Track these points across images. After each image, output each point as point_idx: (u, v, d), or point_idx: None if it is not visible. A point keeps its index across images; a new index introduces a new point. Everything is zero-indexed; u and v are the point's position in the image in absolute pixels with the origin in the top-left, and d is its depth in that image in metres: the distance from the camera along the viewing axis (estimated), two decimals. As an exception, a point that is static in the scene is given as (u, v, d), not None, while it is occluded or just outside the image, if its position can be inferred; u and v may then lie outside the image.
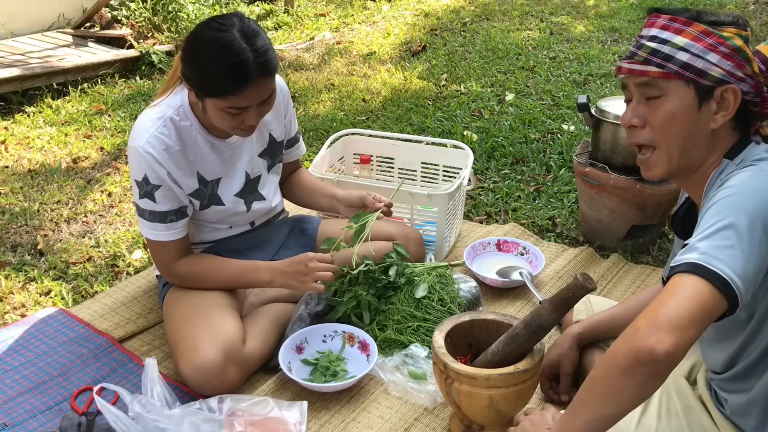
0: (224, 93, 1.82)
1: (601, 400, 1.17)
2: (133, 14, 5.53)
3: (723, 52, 1.30)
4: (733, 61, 1.30)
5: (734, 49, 1.30)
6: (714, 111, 1.33)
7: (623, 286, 2.45)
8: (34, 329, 2.25)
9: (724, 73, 1.30)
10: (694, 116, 1.34)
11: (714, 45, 1.30)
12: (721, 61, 1.30)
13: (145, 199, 1.98)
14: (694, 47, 1.31)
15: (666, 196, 2.51)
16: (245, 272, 2.08)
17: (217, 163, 2.08)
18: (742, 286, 1.13)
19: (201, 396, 1.90)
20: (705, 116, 1.33)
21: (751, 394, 1.34)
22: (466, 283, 2.25)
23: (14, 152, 3.63)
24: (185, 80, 1.89)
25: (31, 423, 1.88)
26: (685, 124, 1.35)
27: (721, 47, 1.30)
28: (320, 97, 4.38)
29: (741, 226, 1.16)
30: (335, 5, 6.48)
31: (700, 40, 1.31)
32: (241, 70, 1.80)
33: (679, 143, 1.36)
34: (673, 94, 1.34)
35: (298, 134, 2.35)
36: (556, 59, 4.90)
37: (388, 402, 1.96)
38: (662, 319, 1.10)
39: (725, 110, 1.33)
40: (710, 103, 1.33)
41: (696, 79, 1.31)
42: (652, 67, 1.34)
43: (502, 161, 3.44)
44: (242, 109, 1.87)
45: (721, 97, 1.32)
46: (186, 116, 1.99)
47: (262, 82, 1.85)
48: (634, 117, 1.40)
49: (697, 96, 1.33)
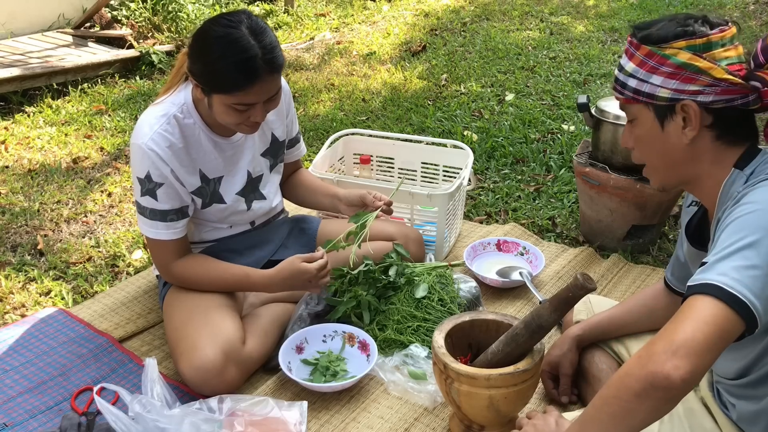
0: (232, 89, 1.83)
1: (612, 420, 1.15)
2: (133, 14, 5.53)
3: (666, 72, 1.30)
4: (677, 79, 1.29)
5: (678, 66, 1.29)
6: (682, 126, 1.32)
7: (623, 286, 2.45)
8: (34, 329, 2.25)
9: (671, 92, 1.30)
10: (661, 136, 1.35)
11: (655, 67, 1.31)
12: (665, 81, 1.31)
13: (146, 197, 1.98)
14: (639, 72, 1.34)
15: (666, 196, 2.51)
16: (238, 282, 2.07)
17: (220, 161, 2.08)
18: (761, 307, 1.10)
19: (201, 396, 1.90)
20: (673, 134, 1.34)
21: (763, 403, 1.32)
22: (466, 283, 2.25)
23: (14, 152, 3.63)
24: (192, 76, 1.90)
25: (31, 423, 1.88)
26: (655, 144, 1.37)
27: (663, 67, 1.30)
28: (320, 97, 4.38)
29: (762, 245, 1.14)
30: (335, 5, 6.48)
31: (643, 64, 1.33)
32: (249, 66, 1.81)
33: (658, 161, 1.40)
34: (640, 117, 1.38)
35: (299, 134, 2.36)
36: (556, 59, 4.90)
37: (388, 402, 1.96)
38: (678, 343, 1.08)
39: (690, 124, 1.31)
40: (675, 120, 1.33)
41: (649, 101, 1.34)
42: (618, 95, 1.40)
43: (502, 161, 3.44)
44: (249, 106, 1.87)
45: (682, 110, 1.31)
46: (189, 114, 2.00)
47: (270, 79, 1.86)
48: (627, 139, 1.45)
49: (657, 117, 1.35)
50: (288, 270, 2.03)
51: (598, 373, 1.82)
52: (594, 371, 1.83)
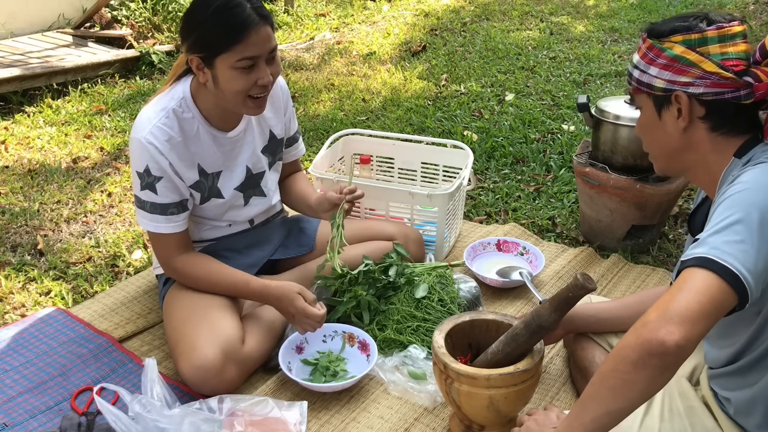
0: (230, 42, 1.85)
1: (611, 393, 1.17)
2: (133, 14, 5.53)
3: (661, 64, 1.38)
4: (670, 70, 1.37)
5: (671, 59, 1.36)
6: (676, 116, 1.39)
7: (623, 286, 2.45)
8: (34, 329, 2.25)
9: (665, 82, 1.38)
10: (659, 124, 1.43)
11: (653, 58, 1.39)
12: (660, 72, 1.38)
13: (146, 191, 1.98)
14: (641, 63, 1.42)
15: (666, 196, 2.51)
16: (237, 288, 2.06)
17: (218, 155, 2.08)
18: (753, 281, 1.14)
19: (201, 396, 1.90)
20: (669, 123, 1.40)
21: (755, 389, 1.34)
22: (466, 283, 2.25)
23: (14, 152, 3.63)
24: (191, 52, 1.91)
25: (31, 423, 1.88)
26: (655, 133, 1.45)
27: (659, 59, 1.38)
28: (320, 97, 4.38)
29: (752, 221, 1.18)
30: (335, 5, 6.48)
31: (645, 56, 1.41)
32: (240, 14, 1.85)
33: (657, 149, 1.48)
34: (644, 106, 1.46)
35: (297, 134, 2.35)
36: (556, 59, 4.90)
37: (388, 402, 1.96)
38: (673, 312, 1.11)
39: (681, 114, 1.38)
40: (671, 110, 1.39)
41: (648, 91, 1.41)
42: (628, 84, 1.49)
43: (502, 161, 3.44)
44: (252, 62, 1.88)
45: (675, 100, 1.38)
46: (188, 108, 2.00)
47: (264, 29, 1.88)
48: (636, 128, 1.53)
49: (655, 106, 1.42)
50: (285, 294, 1.99)
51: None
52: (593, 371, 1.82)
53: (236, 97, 1.93)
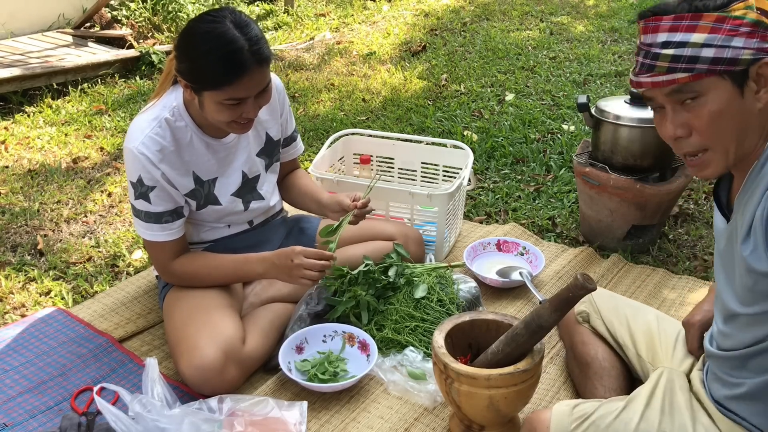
0: (221, 84, 1.82)
1: None
2: (133, 14, 5.53)
3: (745, 33, 1.23)
4: (757, 37, 1.23)
5: (753, 24, 1.23)
6: (755, 90, 1.26)
7: (623, 286, 2.45)
8: (33, 329, 2.25)
9: (753, 51, 1.23)
10: (740, 105, 1.26)
11: (734, 29, 1.23)
12: (747, 42, 1.23)
13: (140, 200, 1.98)
14: (717, 39, 1.24)
15: (666, 196, 2.51)
16: (238, 266, 2.08)
17: (213, 162, 2.08)
18: None
19: (201, 396, 1.90)
20: (749, 100, 1.26)
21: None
22: (465, 283, 2.25)
23: (14, 152, 3.63)
24: (181, 76, 1.88)
25: (31, 423, 1.88)
26: (734, 117, 1.27)
27: (741, 28, 1.23)
28: (320, 97, 4.38)
29: None
30: (335, 5, 6.48)
31: (718, 30, 1.24)
32: (236, 58, 1.80)
33: (734, 137, 1.29)
34: (711, 91, 1.27)
35: (295, 133, 2.35)
36: (556, 59, 4.90)
37: (388, 402, 1.96)
38: None
39: (765, 86, 1.25)
40: (749, 85, 1.26)
41: (729, 69, 1.24)
42: (680, 74, 1.27)
43: (502, 161, 3.44)
44: (240, 101, 1.86)
45: (756, 74, 1.25)
46: (181, 116, 1.99)
47: (258, 71, 1.84)
48: (678, 128, 1.31)
49: (735, 84, 1.26)
50: (284, 250, 2.03)
51: (600, 370, 1.82)
52: (596, 368, 1.82)
53: (220, 123, 1.93)
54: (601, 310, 1.89)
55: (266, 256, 2.07)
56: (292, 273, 2.02)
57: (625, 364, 1.83)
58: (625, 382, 1.80)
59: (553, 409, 1.53)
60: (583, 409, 1.51)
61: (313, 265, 1.99)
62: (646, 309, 1.88)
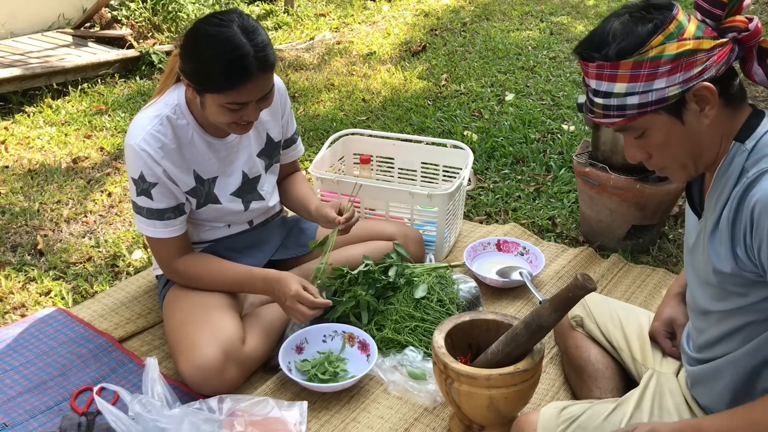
0: (224, 88, 1.82)
1: None
2: (133, 14, 5.53)
3: (666, 72, 1.24)
4: (680, 71, 1.24)
5: (673, 60, 1.23)
6: (699, 110, 1.27)
7: (623, 286, 2.45)
8: (34, 329, 2.25)
9: (680, 86, 1.24)
10: (683, 130, 1.29)
11: (652, 72, 1.24)
12: (669, 80, 1.24)
13: (142, 197, 1.98)
14: (637, 87, 1.26)
15: (666, 196, 2.51)
16: (242, 279, 2.06)
17: (214, 161, 2.08)
18: None
19: (201, 396, 1.90)
20: (693, 121, 1.28)
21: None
22: (465, 283, 2.25)
23: (14, 152, 3.63)
24: (184, 76, 1.89)
25: (31, 423, 1.88)
26: (681, 142, 1.31)
27: (660, 69, 1.24)
28: (320, 97, 4.37)
29: None
30: (335, 5, 6.48)
31: (637, 77, 1.25)
32: (241, 64, 1.80)
33: (687, 155, 1.33)
34: (651, 127, 1.30)
35: (296, 134, 2.35)
36: (556, 59, 4.90)
37: (388, 402, 1.96)
38: None
39: (709, 104, 1.26)
40: (690, 109, 1.27)
41: (658, 107, 1.27)
42: (614, 119, 1.31)
43: (502, 161, 3.44)
44: (242, 105, 1.86)
45: (694, 96, 1.26)
46: (183, 114, 1.99)
47: (262, 77, 1.85)
48: (638, 153, 1.37)
49: (673, 115, 1.28)
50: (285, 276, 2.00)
51: (594, 372, 1.82)
52: (590, 370, 1.83)
53: (220, 124, 1.93)
54: (595, 314, 1.90)
55: (269, 278, 2.02)
56: (284, 307, 2.01)
57: (619, 365, 1.84)
58: (620, 383, 1.81)
59: (540, 412, 1.54)
60: (571, 411, 1.52)
61: (303, 313, 1.97)
62: (638, 311, 1.89)
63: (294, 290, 1.95)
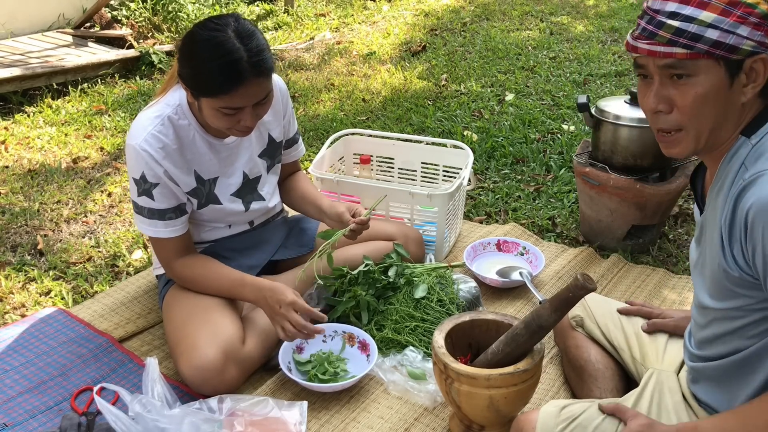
0: (217, 92, 1.82)
1: None
2: (133, 14, 5.53)
3: (753, 23, 1.20)
4: (762, 30, 1.20)
5: (762, 17, 1.20)
6: (743, 84, 1.25)
7: (623, 286, 2.45)
8: (34, 329, 2.25)
9: (755, 44, 1.21)
10: (726, 94, 1.25)
11: (743, 16, 1.20)
12: (752, 32, 1.20)
13: (143, 197, 1.98)
14: (724, 22, 1.20)
15: (666, 196, 2.51)
16: (233, 286, 2.03)
17: (215, 162, 2.08)
18: None
19: (201, 396, 1.90)
20: (736, 92, 1.25)
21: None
22: (465, 283, 2.25)
23: (14, 152, 3.63)
24: (181, 80, 1.90)
25: (31, 423, 1.88)
26: (717, 105, 1.26)
27: (750, 17, 1.20)
28: (320, 97, 4.38)
29: None
30: (335, 5, 6.48)
31: (728, 14, 1.20)
32: (234, 69, 1.79)
33: (710, 124, 1.28)
34: (703, 74, 1.24)
35: (297, 135, 2.35)
36: (556, 59, 4.90)
37: (388, 402, 1.96)
38: None
39: (755, 81, 1.24)
40: (740, 77, 1.24)
41: (727, 56, 1.22)
42: (678, 48, 1.23)
43: (502, 161, 3.44)
44: (237, 110, 1.86)
45: (750, 68, 1.23)
46: (184, 115, 2.00)
47: (256, 83, 1.84)
48: (661, 102, 1.30)
49: (728, 73, 1.23)
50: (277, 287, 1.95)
51: (594, 372, 1.82)
52: (590, 370, 1.83)
53: (218, 127, 1.94)
54: (596, 314, 1.90)
55: (261, 286, 1.98)
56: (275, 317, 1.95)
57: (619, 365, 1.84)
58: (620, 383, 1.80)
59: (540, 410, 1.54)
60: (571, 410, 1.51)
61: (297, 324, 1.91)
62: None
63: (291, 298, 1.92)
